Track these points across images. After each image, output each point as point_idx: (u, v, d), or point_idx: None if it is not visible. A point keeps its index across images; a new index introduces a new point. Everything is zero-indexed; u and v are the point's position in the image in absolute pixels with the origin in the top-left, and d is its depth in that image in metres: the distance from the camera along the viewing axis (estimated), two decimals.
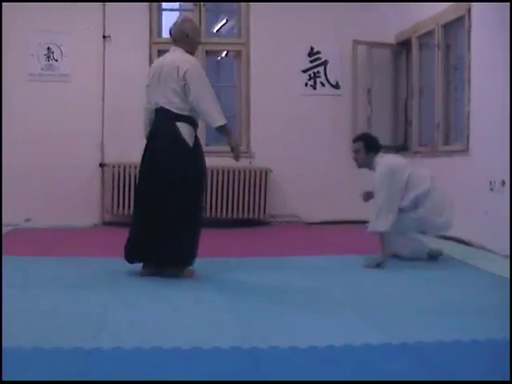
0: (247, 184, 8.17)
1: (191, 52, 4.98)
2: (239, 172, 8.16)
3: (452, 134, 7.27)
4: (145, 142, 5.02)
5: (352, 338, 3.26)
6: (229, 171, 8.15)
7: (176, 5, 11.32)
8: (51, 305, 3.96)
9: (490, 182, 6.05)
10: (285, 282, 4.76)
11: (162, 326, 3.54)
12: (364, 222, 8.22)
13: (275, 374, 2.81)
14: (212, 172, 8.01)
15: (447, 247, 6.38)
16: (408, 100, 8.29)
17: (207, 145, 8.43)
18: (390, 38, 8.44)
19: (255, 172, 8.19)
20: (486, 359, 3.02)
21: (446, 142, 7.27)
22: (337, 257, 5.93)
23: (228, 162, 8.18)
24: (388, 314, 3.81)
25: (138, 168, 5.08)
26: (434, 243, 6.66)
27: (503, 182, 5.83)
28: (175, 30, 4.96)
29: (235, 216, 8.18)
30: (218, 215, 8.12)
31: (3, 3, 7.58)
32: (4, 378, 2.66)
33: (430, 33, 7.57)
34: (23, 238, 7.19)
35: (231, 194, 8.14)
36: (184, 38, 4.92)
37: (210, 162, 8.13)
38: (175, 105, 4.78)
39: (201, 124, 5.14)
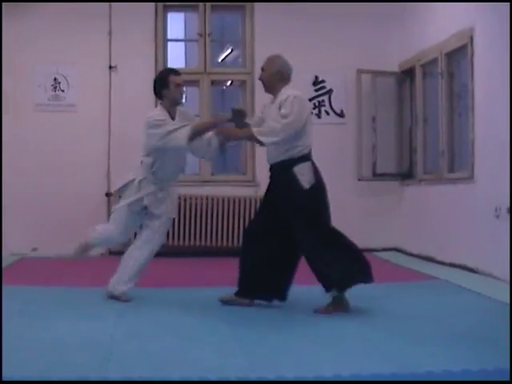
0: (253, 213, 8.15)
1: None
2: (245, 201, 8.17)
3: (457, 162, 7.28)
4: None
5: (360, 367, 3.25)
6: (234, 200, 8.16)
7: (181, 35, 11.42)
8: (58, 334, 3.96)
9: (496, 209, 6.05)
10: (291, 311, 4.74)
11: (170, 355, 3.53)
12: (370, 251, 8.27)
13: None
14: (218, 200, 8.05)
15: (454, 274, 6.36)
16: (412, 128, 8.33)
17: (212, 174, 8.48)
18: (394, 67, 8.50)
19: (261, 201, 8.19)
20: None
21: (451, 169, 7.28)
22: None
23: (234, 190, 8.27)
24: (396, 344, 3.79)
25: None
26: (440, 271, 6.65)
27: (509, 209, 5.83)
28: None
29: (241, 245, 8.15)
30: (224, 244, 8.11)
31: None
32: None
33: (433, 61, 7.62)
34: (30, 267, 7.20)
35: (237, 223, 8.14)
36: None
37: (216, 190, 8.24)
38: None
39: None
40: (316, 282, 5.68)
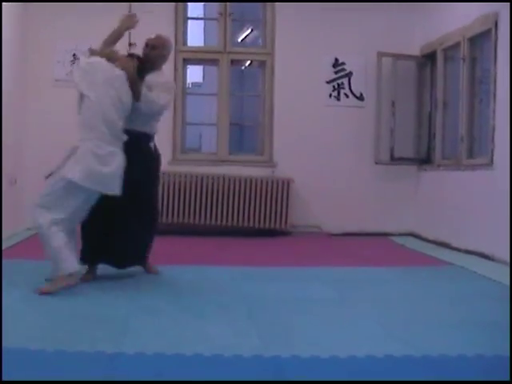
0: (269, 194, 8.17)
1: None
2: (261, 181, 8.16)
3: (476, 148, 7.23)
4: None
5: (374, 349, 3.25)
6: (251, 180, 8.15)
7: (201, 13, 11.40)
8: (74, 308, 3.99)
9: None
10: (307, 293, 4.73)
11: (184, 332, 3.55)
12: (386, 235, 8.25)
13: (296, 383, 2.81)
14: (234, 181, 8.04)
15: (469, 261, 6.34)
16: (432, 112, 8.26)
17: (230, 153, 8.47)
18: (415, 50, 8.43)
19: (277, 182, 8.19)
20: (509, 374, 2.98)
21: (470, 155, 7.22)
22: (359, 269, 5.89)
23: (251, 171, 8.27)
24: (410, 327, 3.79)
25: None
26: (455, 257, 6.62)
27: None
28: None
29: (257, 226, 8.17)
30: (240, 224, 8.11)
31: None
32: (28, 379, 2.69)
33: (455, 45, 7.54)
34: None
35: (253, 204, 8.14)
36: None
37: (233, 170, 8.23)
38: None
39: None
40: (328, 264, 5.67)
